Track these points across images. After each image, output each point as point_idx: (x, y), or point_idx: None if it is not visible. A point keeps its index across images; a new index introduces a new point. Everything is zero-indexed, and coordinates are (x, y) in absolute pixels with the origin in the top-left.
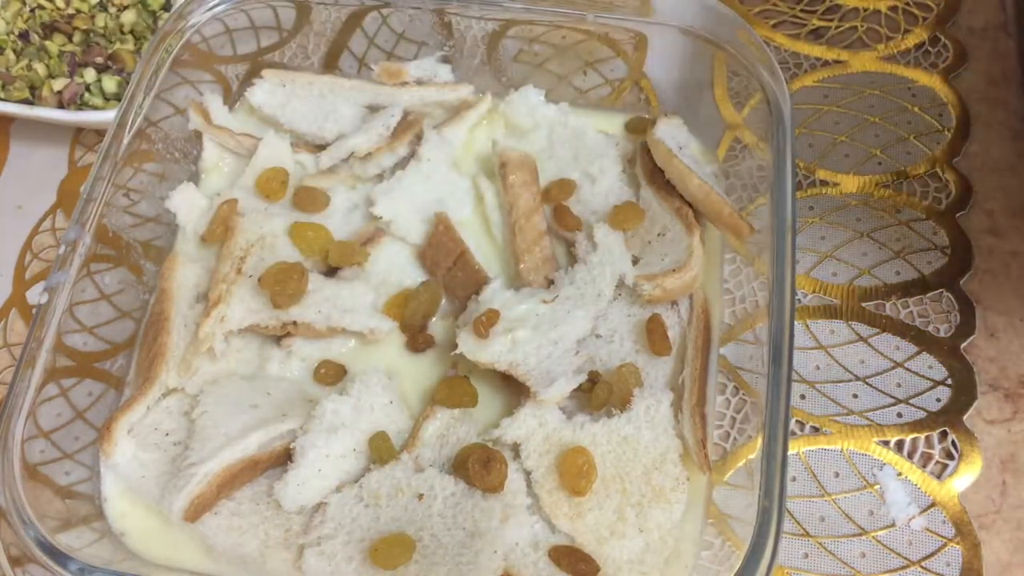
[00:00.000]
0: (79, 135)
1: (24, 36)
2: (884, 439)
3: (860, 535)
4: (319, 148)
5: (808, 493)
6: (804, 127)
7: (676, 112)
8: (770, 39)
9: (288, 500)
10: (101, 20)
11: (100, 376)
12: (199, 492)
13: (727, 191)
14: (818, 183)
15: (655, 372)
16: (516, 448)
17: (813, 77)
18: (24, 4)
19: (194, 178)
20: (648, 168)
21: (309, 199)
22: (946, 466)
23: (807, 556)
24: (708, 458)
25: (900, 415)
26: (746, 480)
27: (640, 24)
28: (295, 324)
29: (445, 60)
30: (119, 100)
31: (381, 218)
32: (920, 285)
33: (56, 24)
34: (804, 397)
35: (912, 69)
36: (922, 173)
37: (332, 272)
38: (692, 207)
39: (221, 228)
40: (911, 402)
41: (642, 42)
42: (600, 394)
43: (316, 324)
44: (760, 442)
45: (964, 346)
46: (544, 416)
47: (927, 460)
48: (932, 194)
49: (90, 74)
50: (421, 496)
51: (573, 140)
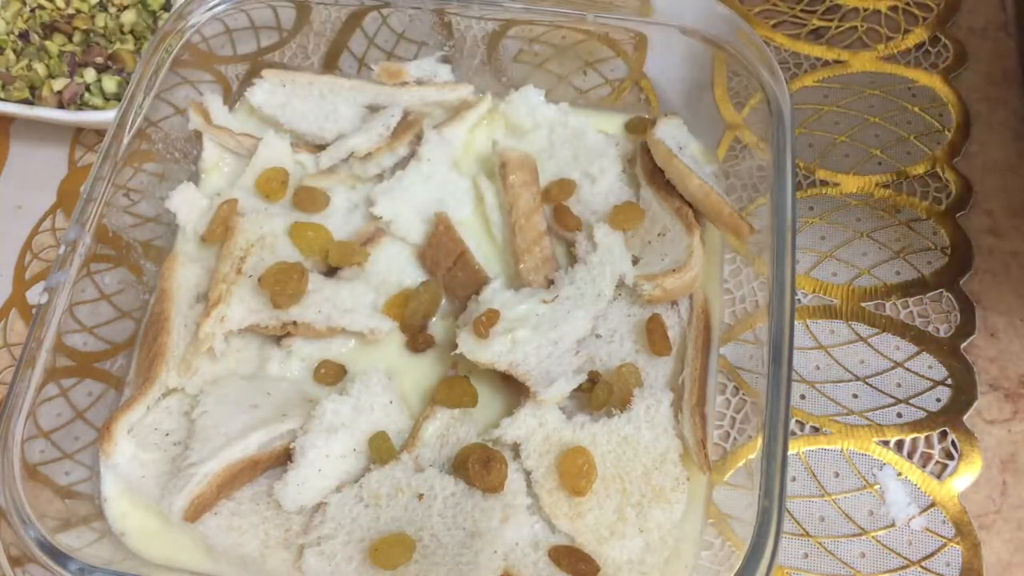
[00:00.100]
0: (79, 135)
1: (24, 36)
2: (884, 439)
3: (860, 535)
4: (319, 148)
5: (808, 493)
6: (804, 127)
7: (676, 112)
8: (770, 39)
9: (288, 500)
10: (101, 20)
11: (100, 376)
12: (199, 492)
13: (727, 191)
14: (818, 183)
15: (655, 372)
16: (516, 448)
17: (813, 77)
18: (24, 4)
19: (194, 178)
20: (648, 168)
21: (309, 199)
22: (946, 466)
23: (807, 556)
24: (708, 458)
25: (900, 415)
26: (746, 480)
27: (640, 24)
28: (295, 324)
29: (445, 60)
30: (119, 100)
31: (381, 218)
32: (920, 285)
33: (56, 24)
34: (804, 397)
35: (912, 69)
36: (922, 173)
37: (332, 272)
38: (692, 207)
39: (221, 228)
40: (911, 402)
41: (642, 42)
42: (600, 394)
43: (316, 324)
44: (760, 442)
45: (964, 346)
46: (544, 416)
47: (927, 460)
48: (932, 194)
49: (90, 74)
50: (421, 496)
51: (573, 140)
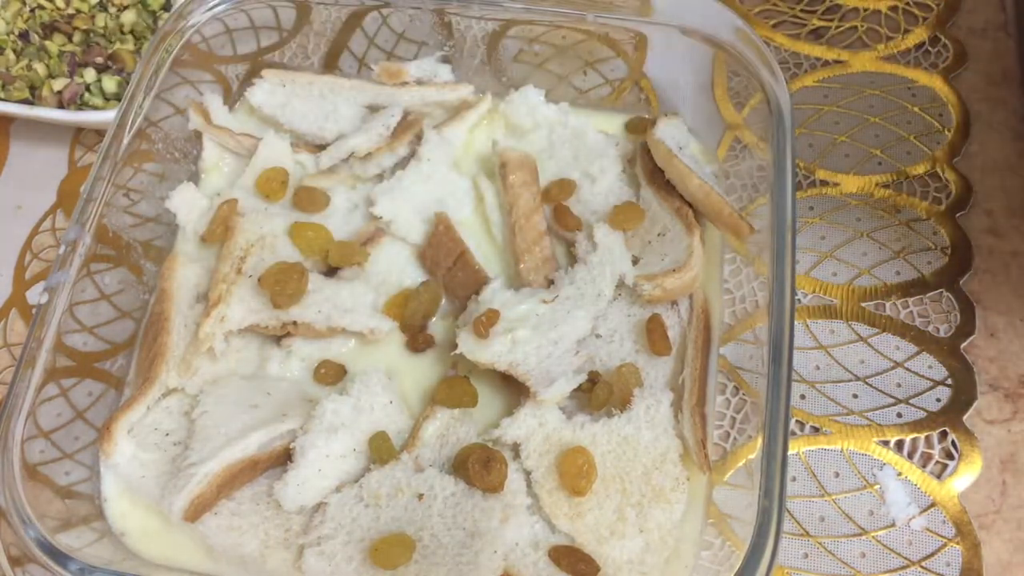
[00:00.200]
0: (79, 135)
1: (24, 36)
2: (884, 439)
3: (860, 535)
4: (319, 148)
5: (808, 493)
6: (804, 127)
7: (676, 112)
8: (770, 39)
9: (288, 500)
10: (101, 20)
11: (100, 376)
12: (199, 492)
13: (727, 191)
14: (818, 183)
15: (655, 372)
16: (516, 448)
17: (813, 77)
18: (24, 4)
19: (194, 178)
20: (648, 168)
21: (309, 199)
22: (946, 466)
23: (807, 556)
24: (708, 458)
25: (900, 415)
26: (746, 480)
27: (640, 24)
28: (295, 324)
29: (445, 60)
30: (119, 100)
31: (381, 218)
32: (920, 285)
33: (56, 24)
34: (804, 397)
35: (912, 69)
36: (922, 173)
37: (332, 272)
38: (692, 207)
39: (221, 228)
40: (911, 402)
41: (642, 42)
42: (600, 394)
43: (316, 324)
44: (760, 442)
45: (964, 346)
46: (544, 416)
47: (927, 460)
48: (932, 194)
49: (90, 74)
50: (421, 496)
51: (573, 140)
